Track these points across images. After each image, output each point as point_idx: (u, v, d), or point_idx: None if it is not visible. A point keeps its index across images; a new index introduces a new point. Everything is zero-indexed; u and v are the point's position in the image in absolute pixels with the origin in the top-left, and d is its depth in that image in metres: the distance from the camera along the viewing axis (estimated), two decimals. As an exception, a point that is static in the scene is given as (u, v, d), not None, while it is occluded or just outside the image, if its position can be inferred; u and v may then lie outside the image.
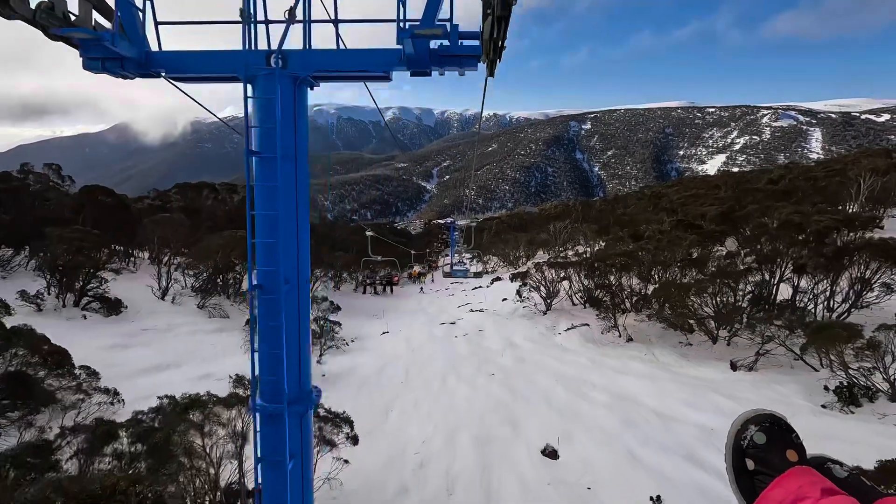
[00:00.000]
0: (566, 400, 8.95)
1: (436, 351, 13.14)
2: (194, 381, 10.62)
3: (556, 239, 31.07)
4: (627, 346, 12.30)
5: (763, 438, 1.10)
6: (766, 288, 11.77)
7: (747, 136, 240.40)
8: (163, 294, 17.15)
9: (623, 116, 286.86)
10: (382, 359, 12.78)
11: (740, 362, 9.71)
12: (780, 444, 1.08)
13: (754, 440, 1.11)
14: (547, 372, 10.67)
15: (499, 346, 13.18)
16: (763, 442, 1.10)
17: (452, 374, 10.92)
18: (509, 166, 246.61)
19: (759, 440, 1.10)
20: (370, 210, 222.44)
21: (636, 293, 13.38)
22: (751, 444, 1.11)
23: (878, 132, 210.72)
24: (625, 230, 21.09)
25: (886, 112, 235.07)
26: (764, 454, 1.08)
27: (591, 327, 13.91)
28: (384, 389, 10.36)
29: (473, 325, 16.12)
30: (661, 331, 12.54)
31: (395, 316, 19.64)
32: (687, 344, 11.56)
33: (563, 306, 16.74)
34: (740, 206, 18.81)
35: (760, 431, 1.11)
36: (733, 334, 10.81)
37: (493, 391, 9.69)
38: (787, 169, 26.62)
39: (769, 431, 1.11)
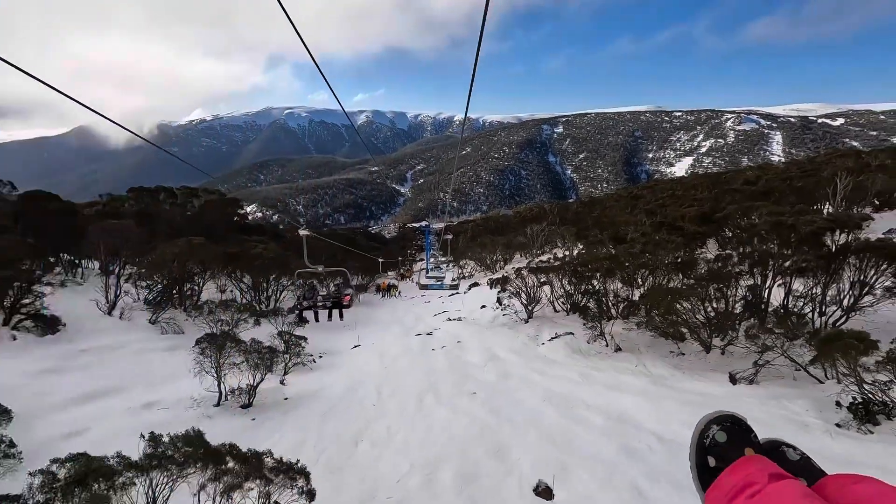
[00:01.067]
0: (557, 423, 8.05)
1: (411, 366, 12.10)
2: (135, 412, 9.33)
3: (534, 242, 30.44)
4: (616, 356, 11.54)
5: (724, 437, 1.16)
6: (757, 293, 11.20)
7: (712, 139, 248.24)
8: (110, 309, 15.61)
9: (594, 120, 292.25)
10: (353, 377, 11.66)
11: (739, 374, 9.03)
12: (739, 442, 1.15)
13: (716, 438, 1.17)
14: (533, 389, 9.77)
15: (479, 360, 12.24)
16: (724, 440, 1.16)
17: (430, 393, 9.90)
18: (483, 169, 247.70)
19: (720, 439, 1.16)
20: (344, 214, 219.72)
21: (623, 299, 12.66)
22: (712, 443, 1.17)
23: (834, 135, 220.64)
24: (605, 233, 20.51)
25: (841, 116, 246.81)
26: (724, 451, 1.14)
27: (577, 336, 13.13)
28: (354, 414, 9.25)
29: (451, 336, 15.14)
30: (650, 339, 11.84)
31: (367, 327, 18.51)
32: (679, 353, 10.87)
33: (544, 313, 15.94)
34: (719, 207, 18.46)
35: (722, 430, 1.18)
36: (728, 343, 10.15)
37: (476, 414, 8.72)
38: (761, 170, 26.71)
39: (729, 431, 1.18)
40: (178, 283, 17.07)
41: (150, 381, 10.98)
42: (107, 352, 12.55)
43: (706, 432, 1.20)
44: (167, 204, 24.79)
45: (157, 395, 10.16)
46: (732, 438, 1.16)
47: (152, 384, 10.78)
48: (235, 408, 9.78)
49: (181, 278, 17.29)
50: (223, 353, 9.72)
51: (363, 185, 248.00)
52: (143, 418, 8.97)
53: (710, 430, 1.19)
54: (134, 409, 9.35)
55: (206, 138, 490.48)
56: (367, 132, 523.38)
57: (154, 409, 9.41)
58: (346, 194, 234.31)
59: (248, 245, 19.94)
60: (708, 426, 1.21)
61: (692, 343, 11.00)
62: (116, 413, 9.15)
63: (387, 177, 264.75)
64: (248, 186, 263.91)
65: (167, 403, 9.72)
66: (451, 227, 47.68)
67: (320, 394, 10.54)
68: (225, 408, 9.75)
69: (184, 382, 10.66)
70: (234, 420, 9.22)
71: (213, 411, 9.54)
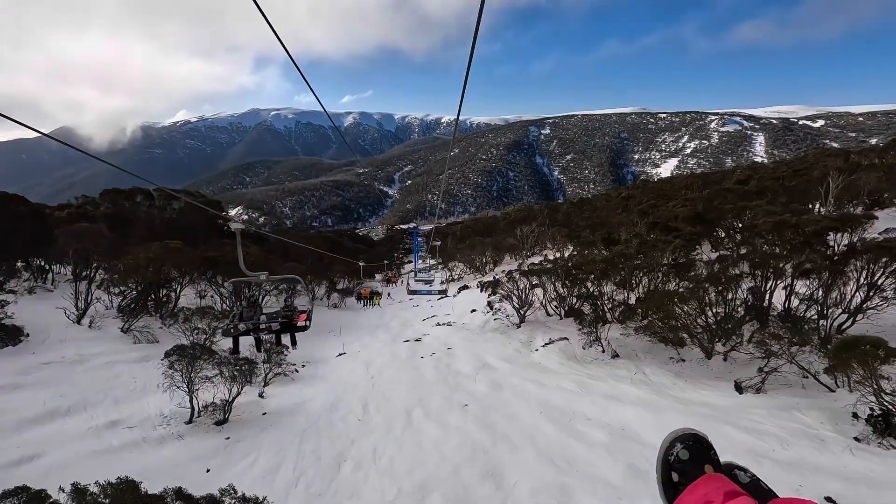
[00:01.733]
0: (556, 440, 7.49)
1: (399, 376, 11.46)
2: (98, 433, 8.56)
3: (524, 244, 29.99)
4: (614, 363, 11.03)
5: (687, 455, 1.24)
6: (758, 295, 10.79)
7: (697, 140, 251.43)
8: (79, 317, 14.73)
9: (580, 122, 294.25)
10: (336, 389, 10.99)
11: (745, 383, 8.56)
12: (700, 459, 1.23)
13: (679, 456, 1.25)
14: (529, 401, 9.20)
15: (470, 369, 11.65)
16: (686, 458, 1.24)
17: (419, 407, 9.27)
18: (471, 171, 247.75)
19: (683, 456, 1.25)
20: (331, 216, 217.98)
21: (620, 303, 12.17)
22: (676, 460, 1.25)
23: (815, 136, 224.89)
24: (597, 234, 20.08)
25: (821, 118, 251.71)
26: (687, 468, 1.22)
27: (571, 342, 12.61)
28: (337, 431, 8.59)
29: (441, 343, 14.53)
30: (648, 345, 11.36)
31: (353, 333, 17.82)
32: (679, 360, 10.39)
33: (537, 317, 15.42)
34: (712, 207, 18.15)
35: (685, 448, 1.26)
36: (731, 349, 9.70)
37: (469, 430, 8.12)
38: (751, 169, 26.58)
39: (692, 449, 1.26)
40: (153, 289, 16.21)
41: (118, 396, 10.18)
42: (72, 364, 11.69)
43: (671, 450, 1.27)
44: (144, 207, 23.81)
45: (124, 412, 9.38)
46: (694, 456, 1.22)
47: (119, 400, 9.99)
48: (209, 425, 9.05)
49: (156, 284, 16.43)
50: (195, 366, 8.99)
51: (350, 186, 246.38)
52: (104, 440, 8.22)
53: (675, 448, 1.26)
54: (96, 429, 8.58)
55: (190, 140, 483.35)
56: (354, 134, 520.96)
57: (118, 429, 8.64)
58: (334, 196, 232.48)
59: (228, 248, 19.12)
60: (673, 444, 1.28)
61: (692, 349, 10.53)
62: (76, 435, 8.37)
63: (374, 178, 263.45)
64: (233, 189, 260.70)
65: (134, 422, 8.95)
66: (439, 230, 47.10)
67: (301, 408, 9.85)
68: (197, 425, 9.01)
69: (154, 397, 9.92)
70: (206, 440, 8.50)
71: (184, 429, 8.81)
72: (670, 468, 1.27)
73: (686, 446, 1.27)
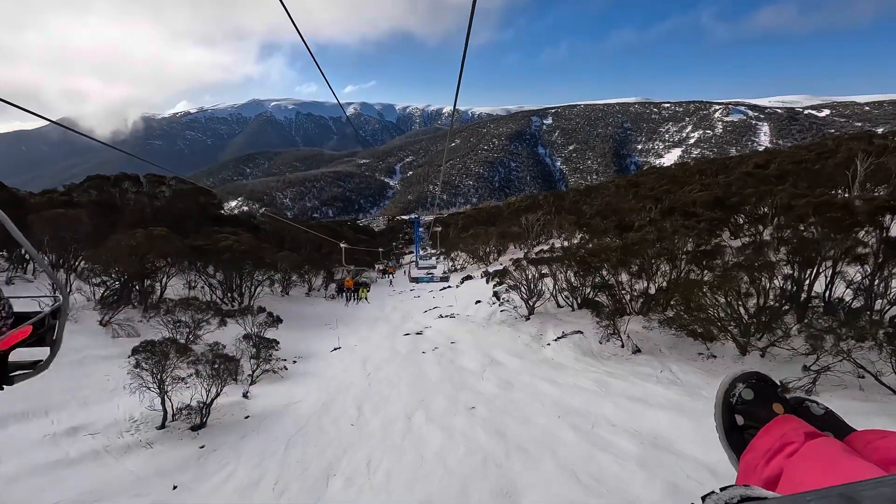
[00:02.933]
0: (578, 449, 6.46)
1: (399, 374, 10.43)
2: (56, 440, 7.55)
3: (529, 233, 28.89)
4: (635, 359, 9.99)
5: (751, 394, 1.13)
6: (797, 284, 9.72)
7: (701, 130, 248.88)
8: (55, 309, 13.61)
9: (583, 111, 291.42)
10: (329, 388, 9.96)
11: (793, 384, 7.51)
12: (766, 398, 1.12)
13: (742, 396, 1.14)
14: (543, 402, 8.17)
15: (477, 365, 10.62)
16: (751, 398, 1.12)
17: (420, 409, 8.25)
18: (473, 161, 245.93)
19: (748, 396, 1.13)
20: (332, 207, 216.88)
21: (642, 293, 11.11)
22: (739, 401, 1.14)
23: (820, 126, 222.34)
24: (608, 221, 18.97)
25: (826, 108, 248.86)
26: (752, 409, 1.11)
27: (586, 335, 11.57)
28: (327, 438, 7.58)
29: (444, 336, 13.51)
30: (672, 339, 10.32)
31: (350, 325, 16.81)
32: (710, 356, 9.34)
33: (547, 309, 14.38)
34: (732, 192, 17.03)
35: (748, 388, 1.14)
36: (771, 343, 8.64)
37: (477, 438, 7.09)
38: (769, 154, 25.39)
39: (756, 388, 1.14)
40: (136, 280, 15.19)
41: (86, 398, 9.18)
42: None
43: (732, 391, 1.17)
44: (131, 193, 22.74)
45: (90, 416, 8.37)
46: (759, 395, 1.12)
47: (88, 402, 8.99)
48: (184, 430, 8.05)
49: (141, 274, 15.40)
50: (167, 364, 7.96)
51: (351, 177, 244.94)
52: (62, 449, 7.22)
53: (737, 389, 1.16)
54: (54, 436, 7.57)
55: (190, 131, 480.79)
56: (356, 124, 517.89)
57: (80, 436, 7.64)
58: (335, 187, 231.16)
59: (217, 237, 18.08)
60: (733, 384, 1.18)
61: (724, 344, 9.48)
62: (31, 443, 7.37)
63: (375, 169, 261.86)
64: (234, 180, 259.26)
65: (99, 427, 7.95)
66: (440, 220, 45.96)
67: (289, 410, 8.83)
68: (170, 431, 8.01)
69: (126, 399, 8.89)
70: (178, 448, 7.49)
71: (154, 436, 7.80)
72: (732, 411, 1.14)
73: (749, 385, 1.14)
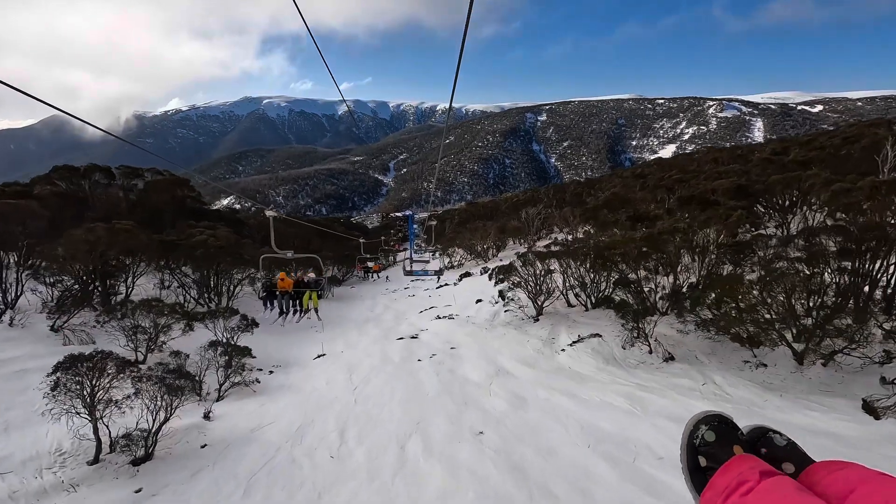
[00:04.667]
0: (622, 495, 4.97)
1: (390, 387, 8.90)
2: (-47, 481, 5.91)
3: (530, 227, 27.42)
4: (668, 368, 8.53)
5: (713, 436, 1.15)
6: (858, 278, 8.28)
7: (695, 126, 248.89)
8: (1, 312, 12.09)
9: (577, 108, 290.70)
10: (307, 406, 8.40)
11: (881, 402, 6.05)
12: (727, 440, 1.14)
13: (705, 438, 1.16)
14: (567, 425, 6.67)
15: (482, 375, 9.11)
16: (713, 439, 1.15)
17: (416, 435, 6.73)
18: (467, 158, 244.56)
19: (709, 438, 1.15)
20: (325, 205, 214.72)
21: (674, 290, 9.65)
22: (702, 443, 1.16)
23: (814, 121, 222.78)
24: (618, 212, 17.52)
25: (819, 103, 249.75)
26: (714, 450, 1.13)
27: (606, 339, 10.10)
28: (299, 476, 6.04)
29: (442, 340, 12.00)
30: (709, 344, 8.86)
31: (337, 328, 15.26)
32: (759, 364, 7.89)
33: (556, 308, 12.91)
34: (755, 179, 15.65)
35: (710, 430, 1.16)
36: (838, 350, 7.18)
37: (488, 475, 5.59)
38: (782, 142, 24.09)
39: (718, 430, 1.16)
40: (96, 279, 13.56)
41: (11, 421, 7.57)
42: (-32, 375, 9.07)
43: (695, 433, 1.20)
44: (102, 186, 21.00)
45: (7, 447, 6.78)
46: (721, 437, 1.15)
47: (10, 427, 7.38)
48: (122, 465, 6.48)
49: (101, 272, 13.78)
50: (98, 383, 6.39)
51: (345, 175, 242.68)
52: (-44, 494, 5.63)
53: (700, 430, 1.18)
54: (-47, 476, 5.98)
55: (182, 129, 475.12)
56: (349, 122, 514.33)
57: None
58: (328, 185, 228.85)
59: (191, 231, 16.43)
60: (697, 426, 1.20)
61: (774, 349, 8.03)
62: (-80, 485, 5.77)
63: (369, 167, 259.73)
64: (226, 178, 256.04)
65: (14, 463, 6.37)
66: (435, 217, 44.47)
67: (257, 436, 7.28)
68: (105, 466, 6.44)
69: (59, 424, 7.29)
70: (109, 491, 5.94)
71: (82, 474, 6.23)
72: (696, 452, 1.17)
73: (711, 427, 1.16)
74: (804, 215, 13.84)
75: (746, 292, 7.86)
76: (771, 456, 1.09)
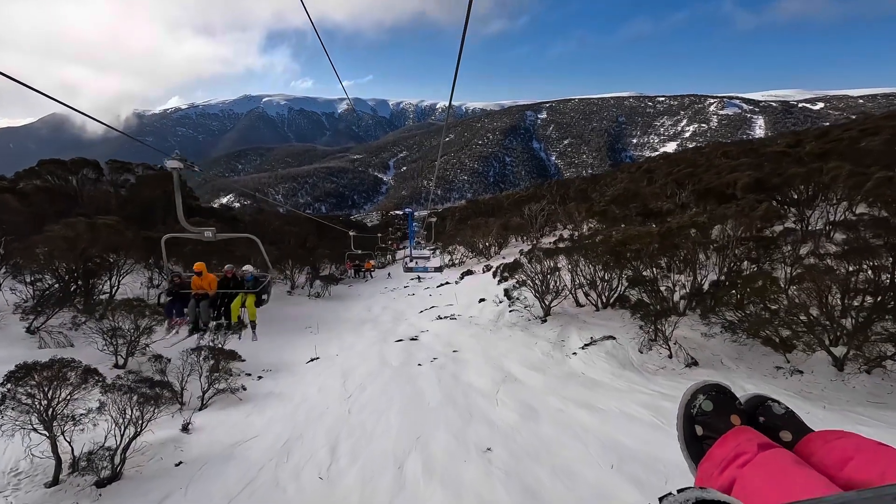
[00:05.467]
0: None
1: (388, 395, 8.17)
2: None
3: (533, 224, 26.68)
4: (692, 374, 7.81)
5: (710, 406, 1.12)
6: None
7: (696, 124, 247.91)
8: (-26, 314, 11.34)
9: (577, 106, 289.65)
10: (297, 417, 7.67)
11: (944, 417, 5.33)
12: (725, 410, 1.11)
13: (702, 408, 1.13)
14: (585, 441, 5.94)
15: (488, 382, 8.38)
16: (710, 409, 1.12)
17: (415, 452, 6.01)
18: (467, 156, 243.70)
19: (707, 407, 1.12)
20: (325, 203, 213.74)
21: (697, 290, 8.91)
22: (699, 412, 1.13)
23: (815, 119, 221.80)
24: (627, 207, 16.77)
25: (820, 101, 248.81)
26: (711, 420, 1.10)
27: (620, 342, 9.37)
28: (283, 500, 5.31)
29: (444, 343, 11.28)
30: (735, 347, 8.13)
31: (333, 329, 14.52)
32: (793, 371, 7.15)
33: (564, 308, 12.18)
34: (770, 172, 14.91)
35: (708, 399, 1.13)
36: (885, 356, 6.45)
37: (498, 501, 4.87)
38: (794, 135, 23.34)
39: (716, 399, 1.13)
40: (77, 278, 12.83)
41: (-33, 434, 6.82)
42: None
43: (693, 402, 1.16)
44: (91, 181, 20.26)
45: (-40, 465, 6.04)
46: (718, 407, 1.12)
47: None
48: (84, 488, 5.76)
49: (83, 271, 13.05)
50: (58, 393, 5.66)
51: (345, 173, 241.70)
52: None
53: (697, 400, 1.15)
54: None
55: (181, 128, 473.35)
56: (349, 120, 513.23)
57: (-73, 502, 5.32)
58: (328, 183, 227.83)
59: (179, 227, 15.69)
60: (694, 396, 1.17)
61: (809, 355, 7.30)
62: None
63: (369, 165, 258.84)
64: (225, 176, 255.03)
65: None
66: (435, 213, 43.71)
67: (237, 453, 6.55)
68: (66, 489, 5.72)
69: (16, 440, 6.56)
70: (66, 520, 5.20)
71: (37, 498, 5.51)
72: (693, 421, 1.13)
73: (709, 397, 1.13)
74: (825, 209, 13.11)
75: (779, 291, 7.13)
76: (769, 424, 1.06)
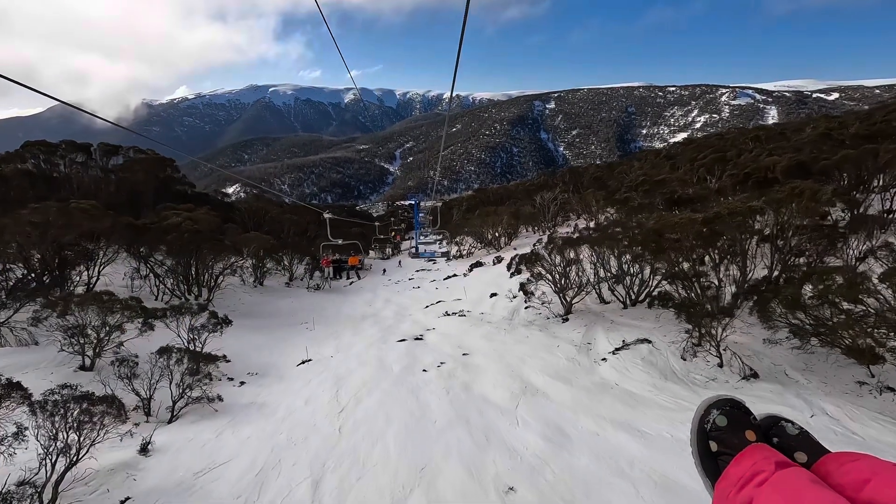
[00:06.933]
0: None
1: (386, 410, 6.92)
2: None
3: (545, 213, 25.28)
4: (751, 388, 6.49)
5: (724, 421, 1.11)
6: None
7: (707, 114, 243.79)
8: (-68, 307, 10.23)
9: (586, 96, 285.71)
10: (277, 437, 6.43)
11: None
12: (739, 425, 1.10)
13: (716, 423, 1.12)
14: (634, 480, 4.67)
15: (505, 394, 7.12)
16: (724, 424, 1.11)
17: (419, 490, 4.77)
18: (474, 147, 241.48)
19: (721, 423, 1.11)
20: (331, 193, 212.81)
21: (752, 287, 7.57)
22: (713, 427, 1.12)
23: (830, 109, 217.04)
24: (650, 195, 15.36)
25: (835, 91, 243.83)
26: (725, 435, 1.09)
27: (657, 346, 8.07)
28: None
29: (452, 344, 10.02)
30: (801, 357, 6.81)
31: (330, 326, 13.30)
32: (883, 388, 5.83)
33: (587, 306, 10.88)
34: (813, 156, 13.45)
35: (722, 415, 1.12)
36: None
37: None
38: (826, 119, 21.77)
39: (730, 414, 1.12)
40: (50, 268, 11.68)
41: None
42: None
43: (706, 417, 1.14)
44: (76, 164, 19.09)
45: None
46: (733, 422, 1.10)
47: None
48: (2, 534, 4.55)
49: (58, 260, 11.91)
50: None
51: (351, 163, 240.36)
52: None
53: (711, 415, 1.13)
54: None
55: (188, 117, 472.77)
56: (355, 110, 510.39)
57: None
58: (334, 173, 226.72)
59: (165, 213, 14.49)
60: (708, 411, 1.15)
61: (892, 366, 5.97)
62: None
63: (375, 155, 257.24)
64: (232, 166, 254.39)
65: None
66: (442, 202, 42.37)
67: (200, 485, 5.34)
68: (-22, 535, 4.52)
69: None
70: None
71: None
72: (707, 437, 1.11)
73: (723, 412, 1.11)
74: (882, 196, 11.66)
75: (869, 292, 5.78)
76: (783, 445, 1.03)
